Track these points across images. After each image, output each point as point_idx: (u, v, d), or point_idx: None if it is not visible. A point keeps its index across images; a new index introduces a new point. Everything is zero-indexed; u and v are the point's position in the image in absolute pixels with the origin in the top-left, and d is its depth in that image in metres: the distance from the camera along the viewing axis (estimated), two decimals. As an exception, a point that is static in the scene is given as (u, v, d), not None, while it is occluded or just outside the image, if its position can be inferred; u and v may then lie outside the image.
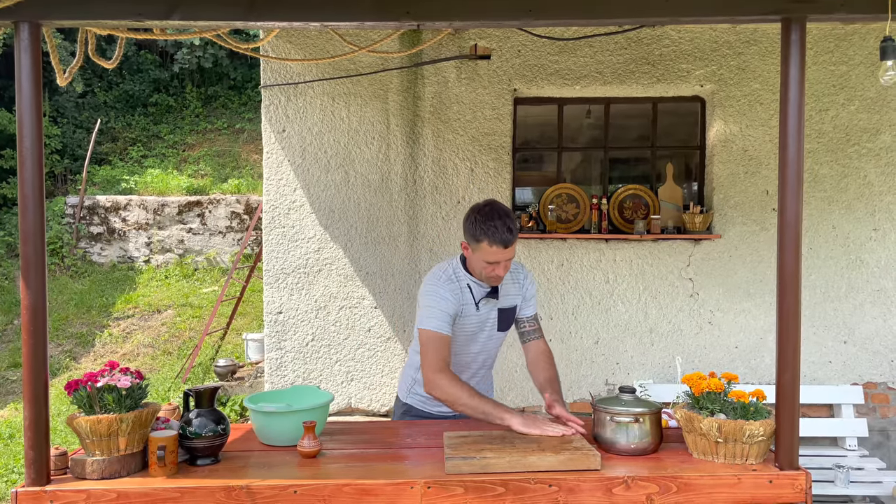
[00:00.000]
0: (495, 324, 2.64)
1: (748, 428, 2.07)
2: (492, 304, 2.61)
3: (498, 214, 2.39)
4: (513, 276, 2.65)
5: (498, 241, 2.37)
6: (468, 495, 1.99)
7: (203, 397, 2.19)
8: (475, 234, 2.40)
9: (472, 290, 2.55)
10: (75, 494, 1.97)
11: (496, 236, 2.36)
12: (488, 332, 2.65)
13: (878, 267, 4.34)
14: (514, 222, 2.43)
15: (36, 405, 2.04)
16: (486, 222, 2.37)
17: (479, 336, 2.64)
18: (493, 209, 2.42)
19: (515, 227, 2.42)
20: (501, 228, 2.36)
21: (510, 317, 2.68)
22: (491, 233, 2.36)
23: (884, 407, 4.38)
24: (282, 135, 4.39)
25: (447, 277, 2.54)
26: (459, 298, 2.52)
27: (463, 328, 2.58)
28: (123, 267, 10.03)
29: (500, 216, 2.38)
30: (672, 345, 4.40)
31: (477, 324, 2.61)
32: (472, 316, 2.57)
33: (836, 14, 2.11)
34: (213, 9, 2.12)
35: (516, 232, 2.42)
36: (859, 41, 4.28)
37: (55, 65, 2.56)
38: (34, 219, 2.05)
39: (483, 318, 2.61)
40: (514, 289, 2.66)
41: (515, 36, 4.33)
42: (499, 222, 2.37)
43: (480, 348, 2.68)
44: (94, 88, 13.44)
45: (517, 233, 2.43)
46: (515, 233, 2.41)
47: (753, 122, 4.32)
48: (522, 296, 2.67)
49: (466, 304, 2.55)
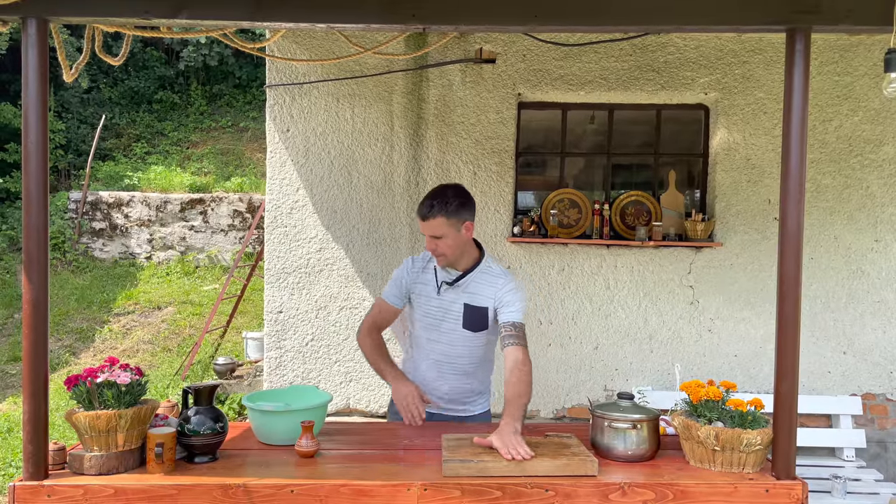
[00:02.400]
0: (460, 318, 2.65)
1: (745, 437, 2.08)
2: (456, 294, 2.66)
3: (433, 193, 2.60)
4: (490, 279, 2.66)
5: (418, 213, 2.60)
6: (464, 498, 2.00)
7: (202, 395, 2.20)
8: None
9: (436, 273, 2.70)
10: (73, 489, 1.98)
11: (419, 209, 2.59)
12: (452, 324, 2.67)
13: (879, 278, 4.34)
14: (446, 204, 2.55)
15: (35, 400, 2.05)
16: (424, 198, 2.61)
17: (441, 326, 2.68)
18: (436, 189, 2.63)
19: (444, 208, 2.54)
20: (424, 203, 2.57)
21: (479, 318, 2.65)
22: (418, 206, 2.60)
23: (882, 418, 4.38)
24: (286, 134, 4.40)
25: (421, 256, 2.79)
26: (416, 275, 2.74)
27: (422, 307, 2.72)
28: (125, 263, 10.04)
29: (431, 195, 2.59)
30: (671, 352, 4.40)
31: (438, 309, 2.68)
32: (432, 298, 2.70)
33: (841, 25, 2.12)
34: (220, 8, 2.13)
35: (438, 210, 2.54)
36: (864, 52, 4.28)
37: (62, 61, 2.57)
38: (37, 213, 2.06)
39: (446, 307, 2.67)
40: (488, 290, 2.65)
41: (520, 41, 4.33)
42: (426, 197, 2.60)
43: (446, 341, 2.69)
44: (99, 84, 13.46)
45: (440, 212, 2.54)
46: (436, 211, 2.54)
47: (757, 130, 4.33)
48: (496, 300, 2.63)
49: (427, 284, 2.71)
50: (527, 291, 2.85)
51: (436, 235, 2.55)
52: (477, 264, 2.68)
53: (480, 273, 2.66)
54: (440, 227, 2.54)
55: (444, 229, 2.54)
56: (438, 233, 2.55)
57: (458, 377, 2.75)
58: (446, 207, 2.53)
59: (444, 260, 2.61)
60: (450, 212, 2.54)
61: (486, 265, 2.69)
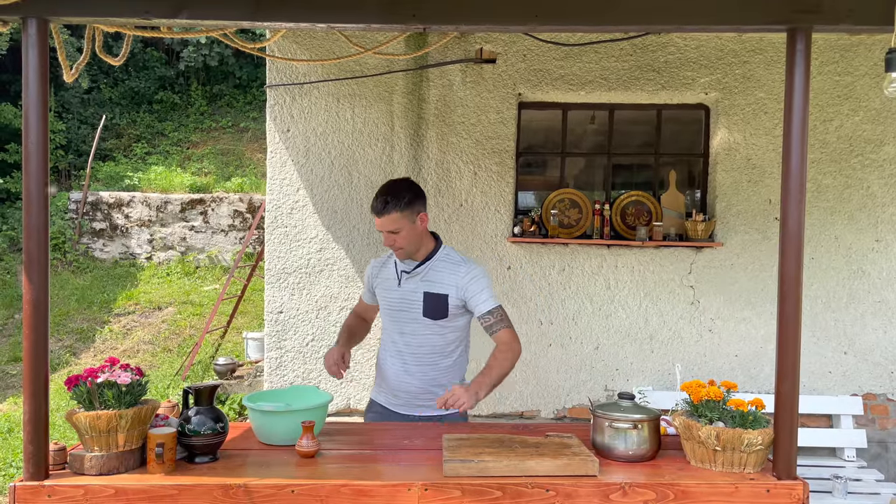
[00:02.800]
0: (420, 306, 2.69)
1: (746, 437, 2.07)
2: (416, 283, 2.72)
3: (385, 189, 2.67)
4: (451, 267, 2.72)
5: (373, 211, 2.66)
6: (465, 498, 1.99)
7: (202, 395, 2.20)
8: None
9: (396, 265, 2.79)
10: (73, 490, 1.97)
11: (373, 206, 2.66)
12: (413, 313, 2.71)
13: (880, 278, 4.34)
14: (399, 199, 2.62)
15: (36, 400, 2.05)
16: (377, 193, 2.67)
17: (403, 316, 2.74)
18: (388, 184, 2.72)
19: (397, 203, 2.61)
20: (378, 199, 2.64)
21: (439, 305, 2.69)
22: (372, 202, 2.67)
23: (883, 418, 4.38)
24: (286, 134, 4.39)
25: (383, 255, 2.93)
26: (377, 271, 2.88)
27: (385, 300, 2.82)
28: (125, 263, 10.04)
29: (385, 191, 2.65)
30: (672, 352, 4.39)
31: (400, 300, 2.75)
32: (393, 290, 2.78)
33: (842, 25, 2.12)
34: (220, 8, 2.13)
35: (392, 206, 2.60)
36: (864, 52, 4.28)
37: (62, 61, 2.57)
38: (38, 214, 2.05)
39: (407, 297, 2.74)
40: (450, 278, 2.69)
41: (521, 41, 4.33)
42: (379, 193, 2.66)
43: (409, 332, 2.73)
44: (99, 85, 13.47)
45: (394, 208, 2.61)
46: (390, 207, 2.60)
47: (757, 130, 4.32)
48: (459, 288, 2.68)
49: (387, 279, 2.81)
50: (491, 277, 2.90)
51: (392, 230, 2.64)
52: (434, 252, 2.75)
53: (439, 261, 2.73)
54: (395, 222, 2.62)
55: (399, 223, 2.62)
56: (394, 227, 2.63)
57: (424, 370, 2.75)
58: (399, 202, 2.61)
59: (403, 253, 2.70)
60: (403, 206, 2.62)
61: (444, 253, 2.75)
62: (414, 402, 2.77)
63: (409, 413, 2.78)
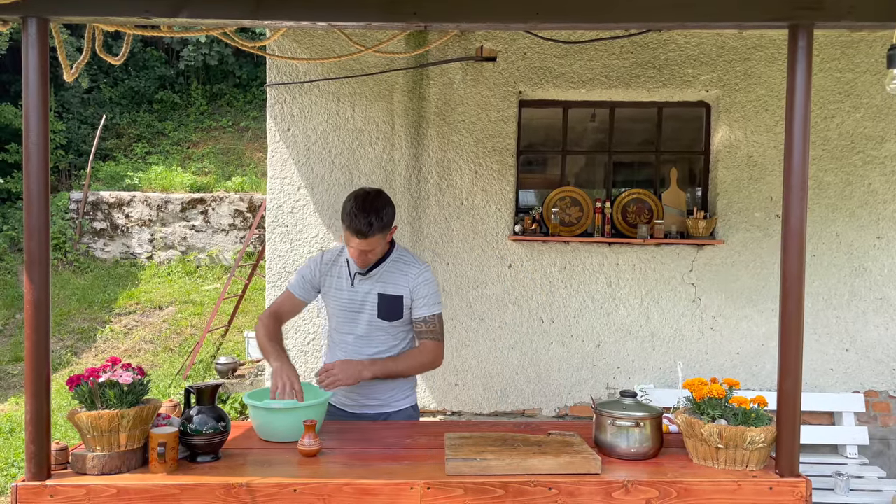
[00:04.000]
0: (375, 308, 2.67)
1: (749, 434, 2.07)
2: (370, 285, 2.68)
3: (367, 208, 2.50)
4: (403, 268, 2.70)
5: (352, 229, 2.51)
6: (468, 497, 1.99)
7: (204, 394, 2.19)
8: (342, 215, 2.56)
9: (349, 265, 2.71)
10: (75, 489, 1.97)
11: (353, 226, 2.51)
12: (367, 315, 2.69)
13: (882, 275, 4.33)
14: (382, 219, 2.52)
15: (37, 400, 2.04)
16: (354, 211, 2.51)
17: (356, 317, 2.70)
18: (368, 200, 2.53)
19: (379, 223, 2.51)
20: (361, 220, 2.49)
21: (394, 307, 2.68)
22: (350, 220, 2.51)
23: (885, 415, 4.37)
24: (286, 133, 4.39)
25: (331, 251, 2.79)
26: (326, 268, 2.75)
27: (338, 300, 2.72)
28: (126, 263, 10.04)
29: (368, 211, 2.50)
30: (673, 350, 4.39)
31: (353, 300, 2.70)
32: (345, 290, 2.71)
33: (844, 21, 2.11)
34: (220, 7, 2.13)
35: (377, 228, 2.51)
36: (865, 49, 4.27)
37: (62, 60, 2.57)
38: (39, 214, 2.05)
39: (361, 298, 2.69)
40: (403, 280, 2.69)
41: (521, 38, 4.33)
42: (362, 215, 2.49)
43: (362, 333, 2.70)
44: (99, 84, 13.47)
45: (378, 230, 2.51)
46: (375, 229, 2.50)
47: (758, 128, 4.32)
48: (410, 289, 2.68)
49: (339, 277, 2.72)
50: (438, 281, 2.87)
51: (367, 250, 2.56)
52: (389, 254, 2.71)
53: (393, 262, 2.71)
54: (374, 243, 2.55)
55: (376, 242, 2.56)
56: (371, 247, 2.56)
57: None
58: (382, 223, 2.54)
59: (367, 264, 2.64)
60: (383, 226, 2.55)
61: (397, 254, 2.73)
62: (364, 401, 2.76)
63: (359, 412, 2.77)
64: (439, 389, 4.42)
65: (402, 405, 2.81)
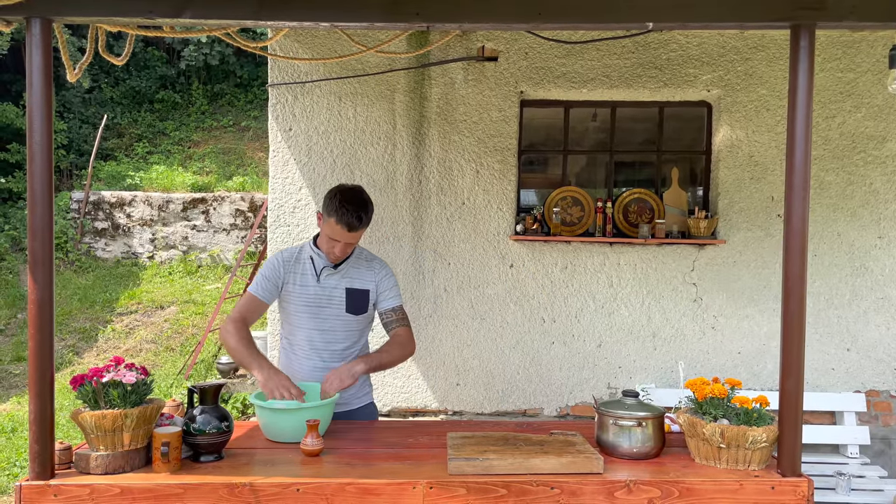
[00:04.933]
0: (342, 302, 2.72)
1: (751, 434, 2.08)
2: (336, 280, 2.73)
3: (356, 201, 2.60)
4: (367, 262, 2.80)
5: (344, 223, 2.57)
6: (470, 496, 2.00)
7: (207, 394, 2.20)
8: (329, 209, 2.61)
9: (313, 261, 2.75)
10: (79, 489, 1.98)
11: (344, 218, 2.56)
12: (334, 309, 2.73)
13: (883, 275, 4.33)
14: (369, 214, 2.63)
15: (41, 400, 2.05)
16: (343, 203, 2.57)
17: (322, 312, 2.74)
18: (355, 194, 2.63)
19: (367, 217, 2.62)
20: (352, 213, 2.56)
21: (361, 301, 2.75)
22: (341, 213, 2.56)
23: (886, 415, 4.38)
24: (288, 133, 4.40)
25: (289, 250, 2.80)
26: (290, 266, 2.75)
27: (303, 297, 2.73)
28: (127, 263, 10.05)
29: (356, 204, 2.59)
30: (675, 349, 4.39)
31: (320, 296, 2.73)
32: (311, 286, 2.73)
33: (846, 21, 2.11)
34: (223, 7, 2.13)
35: (366, 222, 2.62)
36: (867, 49, 4.27)
37: (65, 60, 2.57)
38: (42, 213, 2.06)
39: (328, 293, 2.73)
40: (368, 274, 2.78)
41: (523, 38, 4.33)
42: (352, 207, 2.57)
43: (328, 328, 2.74)
44: (100, 84, 13.47)
45: (367, 223, 2.62)
46: (364, 222, 2.61)
47: (760, 127, 4.32)
48: (376, 284, 2.77)
49: (304, 274, 2.73)
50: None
51: (352, 243, 2.65)
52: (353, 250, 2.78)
53: (355, 258, 2.79)
54: (360, 236, 2.66)
55: (361, 236, 2.67)
56: (357, 240, 2.66)
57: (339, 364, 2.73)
58: (369, 216, 2.65)
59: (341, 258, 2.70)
60: (370, 219, 2.66)
61: (358, 250, 2.82)
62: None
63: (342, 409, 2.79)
64: (441, 389, 4.43)
65: (363, 402, 2.87)
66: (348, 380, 2.55)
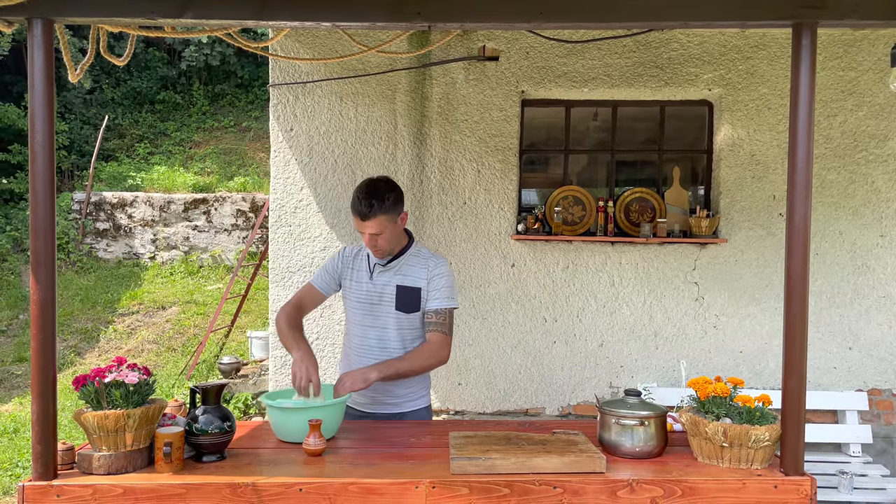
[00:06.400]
0: (393, 300, 2.71)
1: (754, 433, 2.07)
2: (388, 277, 2.73)
3: (368, 191, 2.60)
4: (423, 260, 2.77)
5: (356, 212, 2.60)
6: (473, 496, 2.00)
7: (210, 394, 2.20)
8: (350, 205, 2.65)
9: (369, 259, 2.78)
10: (82, 489, 1.98)
11: (355, 207, 2.60)
12: (385, 307, 2.72)
13: (885, 273, 4.33)
14: (384, 201, 2.59)
15: (43, 400, 2.05)
16: (356, 194, 2.61)
17: (374, 309, 2.73)
18: (370, 186, 2.62)
19: (382, 205, 2.58)
20: (363, 202, 2.57)
21: (412, 299, 2.72)
22: (353, 203, 2.61)
23: (888, 413, 4.37)
24: (289, 133, 4.40)
25: (351, 247, 2.88)
26: (348, 261, 2.82)
27: (357, 293, 2.77)
28: (129, 263, 10.05)
29: (369, 193, 2.59)
30: (677, 348, 4.39)
31: (372, 293, 2.75)
32: (364, 282, 2.76)
33: (848, 20, 2.11)
34: (225, 8, 2.13)
35: (378, 209, 2.57)
36: (868, 47, 4.27)
37: (67, 61, 2.57)
38: (44, 214, 2.06)
39: (379, 290, 2.74)
40: (422, 272, 2.74)
41: (524, 38, 4.33)
42: (363, 195, 2.59)
43: (380, 325, 2.73)
44: (101, 85, 13.48)
45: (380, 210, 2.57)
46: (376, 210, 2.56)
47: (761, 126, 4.32)
48: (427, 281, 2.73)
49: (359, 270, 2.78)
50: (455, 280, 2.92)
51: (375, 233, 2.61)
52: (408, 247, 2.77)
53: (411, 256, 2.76)
54: (380, 225, 2.60)
55: (382, 225, 2.61)
56: (378, 230, 2.61)
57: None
58: (384, 204, 2.59)
59: (381, 252, 2.69)
60: (387, 208, 2.60)
61: (416, 248, 2.79)
62: (381, 398, 2.77)
63: (374, 412, 2.78)
64: (443, 389, 4.43)
65: (416, 406, 2.82)
66: (360, 383, 2.51)
